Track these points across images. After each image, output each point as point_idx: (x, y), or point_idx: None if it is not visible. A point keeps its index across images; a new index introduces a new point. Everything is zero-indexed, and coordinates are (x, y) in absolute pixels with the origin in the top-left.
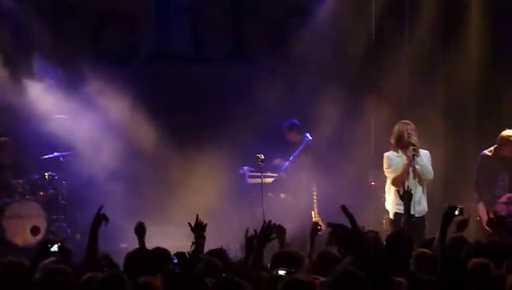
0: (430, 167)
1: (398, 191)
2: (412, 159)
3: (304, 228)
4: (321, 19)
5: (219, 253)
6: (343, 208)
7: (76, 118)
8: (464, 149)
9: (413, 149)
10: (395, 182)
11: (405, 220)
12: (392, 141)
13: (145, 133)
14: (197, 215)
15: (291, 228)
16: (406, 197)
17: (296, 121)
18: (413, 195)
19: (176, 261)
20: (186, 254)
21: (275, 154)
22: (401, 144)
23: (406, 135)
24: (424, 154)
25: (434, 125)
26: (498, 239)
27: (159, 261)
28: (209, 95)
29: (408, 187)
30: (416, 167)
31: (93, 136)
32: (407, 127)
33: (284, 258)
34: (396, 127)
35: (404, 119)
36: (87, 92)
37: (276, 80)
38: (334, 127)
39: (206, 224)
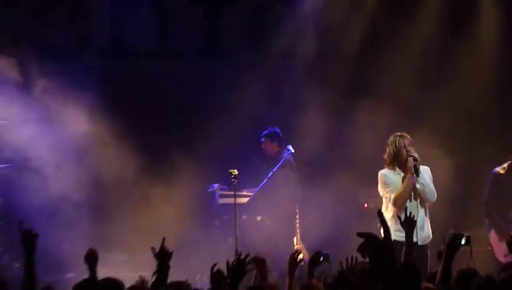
0: (432, 186)
1: (398, 217)
2: (414, 172)
3: (284, 257)
4: (307, 7)
5: (182, 287)
6: (380, 214)
7: (19, 125)
8: (476, 164)
9: (414, 159)
10: (397, 203)
11: (407, 252)
12: (387, 157)
13: (101, 144)
14: (164, 238)
15: (267, 256)
16: (408, 224)
17: (277, 130)
18: (415, 220)
19: None
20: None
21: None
22: (399, 161)
23: (404, 151)
24: (425, 171)
25: (439, 135)
26: None
27: None
28: (177, 97)
29: (410, 213)
30: (417, 186)
31: (39, 146)
32: (405, 141)
33: None
34: (392, 141)
35: (401, 131)
36: (30, 93)
37: (255, 79)
38: (321, 138)
39: (172, 251)
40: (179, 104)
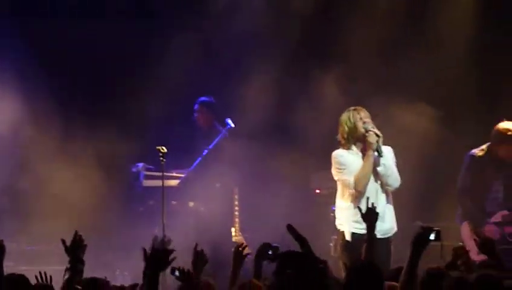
0: (395, 170)
1: (359, 208)
2: (376, 148)
3: (220, 250)
4: None
5: (98, 284)
6: (290, 228)
7: None
8: (447, 146)
9: (376, 134)
10: (358, 185)
11: (368, 248)
12: (341, 136)
13: (10, 118)
14: (76, 231)
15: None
16: (369, 216)
17: (211, 99)
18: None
19: None
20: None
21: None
22: (355, 139)
23: (360, 125)
24: (387, 152)
25: (405, 115)
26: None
27: None
28: (99, 62)
29: (372, 204)
30: (378, 168)
31: None
32: (361, 114)
33: None
34: (345, 117)
35: (356, 106)
36: None
37: (189, 42)
38: (267, 112)
39: (85, 245)
40: (101, 70)
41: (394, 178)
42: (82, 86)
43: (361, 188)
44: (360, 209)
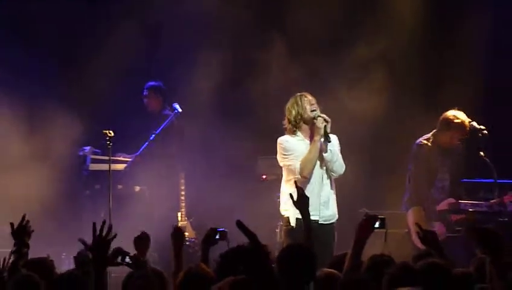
0: (340, 156)
1: (290, 195)
2: (323, 133)
3: (165, 235)
4: None
5: (43, 265)
6: (239, 224)
7: None
8: (393, 131)
9: (325, 120)
10: (304, 171)
11: (305, 234)
12: (287, 121)
13: None
14: (24, 215)
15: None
16: (300, 202)
17: (160, 84)
18: (318, 194)
19: None
20: None
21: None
22: (303, 121)
23: (308, 110)
24: (332, 139)
25: (350, 100)
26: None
27: None
28: (47, 43)
29: (301, 188)
30: (324, 154)
31: None
32: (305, 100)
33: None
34: (292, 102)
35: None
36: None
37: (136, 25)
38: (214, 96)
39: (32, 230)
40: (52, 49)
41: (339, 164)
42: (29, 67)
43: (306, 174)
44: (291, 197)
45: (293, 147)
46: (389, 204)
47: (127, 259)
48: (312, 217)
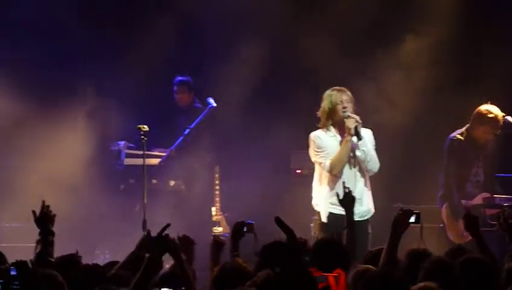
0: (374, 153)
1: (337, 194)
2: (354, 133)
3: (199, 230)
4: None
5: (72, 261)
6: (278, 220)
7: None
8: (426, 128)
9: (356, 121)
10: (333, 169)
11: (349, 233)
12: (321, 114)
13: None
14: (43, 201)
15: (180, 227)
16: (346, 201)
17: (189, 78)
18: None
19: (14, 273)
20: (29, 263)
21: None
22: (334, 120)
23: (340, 108)
24: (366, 135)
25: (386, 91)
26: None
27: None
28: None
29: (348, 188)
30: (357, 153)
31: None
32: (342, 96)
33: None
34: (327, 96)
35: (341, 87)
36: None
37: (168, 20)
38: (248, 92)
39: (54, 215)
40: (84, 45)
41: (373, 163)
42: (61, 63)
43: (335, 173)
44: (337, 195)
45: (324, 144)
46: (424, 199)
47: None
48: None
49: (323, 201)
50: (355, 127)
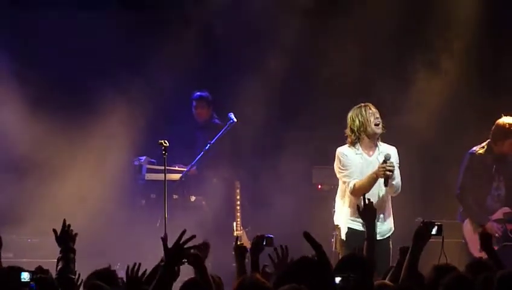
0: (398, 175)
1: (358, 207)
2: (384, 182)
3: (221, 245)
4: None
5: (107, 275)
6: (307, 235)
7: None
8: (447, 143)
9: (389, 171)
10: (355, 194)
11: (369, 247)
12: (350, 130)
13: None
14: (64, 220)
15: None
16: (368, 215)
17: (207, 94)
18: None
19: (33, 286)
20: (49, 278)
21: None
22: (366, 133)
23: (372, 120)
24: (392, 155)
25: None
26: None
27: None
28: (99, 53)
29: (369, 200)
30: (387, 188)
31: None
32: (369, 112)
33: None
34: (354, 113)
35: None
36: None
37: (188, 34)
38: (269, 106)
39: (76, 234)
40: (107, 58)
41: (396, 187)
42: (83, 77)
43: (357, 197)
44: (358, 208)
45: (349, 163)
46: (445, 214)
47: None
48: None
49: (344, 217)
50: (386, 176)
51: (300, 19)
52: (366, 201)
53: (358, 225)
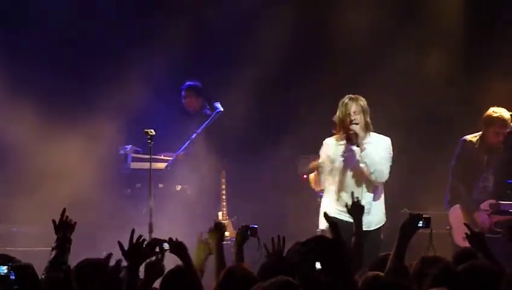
0: (382, 164)
1: (346, 204)
2: (347, 151)
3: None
4: None
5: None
6: (326, 215)
7: None
8: (437, 137)
9: (354, 136)
10: (313, 184)
11: (356, 243)
12: (336, 120)
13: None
14: (64, 209)
15: (188, 232)
16: (355, 211)
17: (198, 84)
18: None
19: (13, 277)
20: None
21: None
22: (344, 129)
23: (348, 120)
24: (380, 143)
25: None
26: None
27: None
28: (87, 43)
29: (357, 198)
30: (361, 166)
31: None
32: (352, 107)
33: (176, 277)
34: (340, 106)
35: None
36: None
37: (179, 24)
38: (255, 96)
39: (75, 223)
40: (93, 48)
41: (378, 173)
42: (71, 66)
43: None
44: (346, 205)
45: (323, 153)
46: (431, 204)
47: (166, 246)
48: None
49: (326, 206)
50: (352, 139)
51: (292, 9)
52: (355, 198)
53: (344, 216)
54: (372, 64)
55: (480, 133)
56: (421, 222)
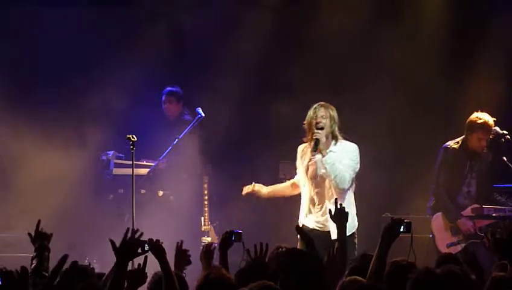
0: (343, 170)
1: (329, 211)
2: (312, 148)
3: (188, 240)
4: None
5: (82, 270)
6: (298, 229)
7: None
8: (419, 140)
9: (315, 142)
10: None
11: (341, 250)
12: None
13: None
14: (39, 221)
15: (169, 238)
16: (338, 218)
17: (178, 89)
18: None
19: None
20: (15, 273)
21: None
22: (311, 134)
23: (314, 123)
24: (345, 150)
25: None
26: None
27: None
28: (66, 48)
29: (341, 205)
30: (322, 171)
31: None
32: (320, 112)
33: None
34: (310, 112)
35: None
36: None
37: (159, 31)
38: (237, 101)
39: (51, 234)
40: (74, 54)
41: (339, 179)
42: (50, 73)
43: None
44: (330, 212)
45: (298, 162)
46: (413, 209)
47: (146, 247)
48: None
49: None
50: (315, 143)
51: (271, 11)
52: (338, 205)
53: (318, 227)
54: (355, 68)
55: (463, 137)
56: (402, 226)
